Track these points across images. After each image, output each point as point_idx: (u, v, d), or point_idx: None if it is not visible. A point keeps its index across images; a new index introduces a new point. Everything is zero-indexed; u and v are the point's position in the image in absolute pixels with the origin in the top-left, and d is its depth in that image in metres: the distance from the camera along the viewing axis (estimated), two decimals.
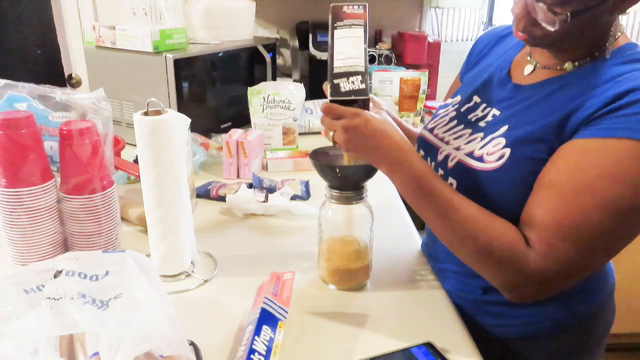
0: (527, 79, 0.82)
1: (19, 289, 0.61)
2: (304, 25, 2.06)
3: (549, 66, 0.79)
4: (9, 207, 0.90)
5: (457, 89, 0.98)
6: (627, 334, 2.04)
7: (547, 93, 0.76)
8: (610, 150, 0.65)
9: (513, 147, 0.75)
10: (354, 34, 0.81)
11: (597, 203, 0.65)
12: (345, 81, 0.76)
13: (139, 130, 0.83)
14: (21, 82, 0.97)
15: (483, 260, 0.73)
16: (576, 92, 0.72)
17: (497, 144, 0.77)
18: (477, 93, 0.88)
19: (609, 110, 0.67)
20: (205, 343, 0.72)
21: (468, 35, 2.37)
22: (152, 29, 1.48)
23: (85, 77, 2.04)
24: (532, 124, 0.74)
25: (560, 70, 0.77)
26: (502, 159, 0.75)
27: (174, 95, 1.51)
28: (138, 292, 0.59)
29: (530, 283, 0.71)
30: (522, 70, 0.83)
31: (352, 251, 0.88)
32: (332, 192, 0.86)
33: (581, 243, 0.67)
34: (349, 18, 0.83)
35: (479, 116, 0.85)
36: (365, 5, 0.84)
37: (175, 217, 0.90)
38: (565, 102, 0.72)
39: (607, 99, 0.67)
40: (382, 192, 1.32)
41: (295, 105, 1.55)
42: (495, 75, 0.87)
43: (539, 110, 0.75)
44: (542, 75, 0.80)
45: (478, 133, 0.82)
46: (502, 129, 0.78)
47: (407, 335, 0.78)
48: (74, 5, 2.10)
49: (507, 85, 0.83)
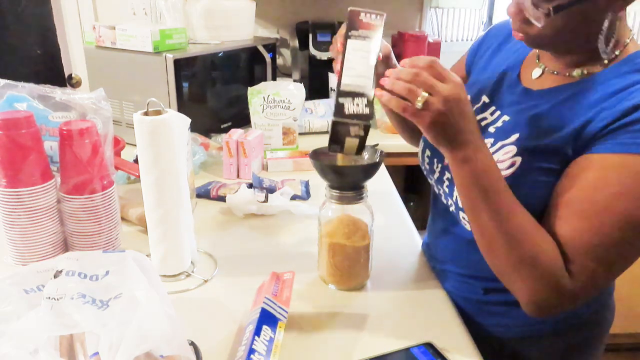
0: (536, 83, 0.81)
1: (19, 289, 0.61)
2: (304, 25, 2.06)
3: (557, 71, 0.78)
4: (9, 207, 0.90)
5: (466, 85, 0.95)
6: (627, 334, 2.04)
7: (558, 102, 0.75)
8: (628, 167, 0.65)
9: (524, 157, 0.74)
10: (366, 48, 0.79)
11: (617, 221, 0.65)
12: (350, 102, 0.74)
13: (139, 130, 0.83)
14: (21, 82, 0.97)
15: (523, 270, 0.69)
16: (588, 103, 0.71)
17: (507, 151, 0.76)
18: (486, 92, 0.87)
19: (623, 124, 0.66)
20: (205, 343, 0.72)
21: (468, 35, 2.37)
22: (152, 29, 1.48)
23: (85, 77, 2.04)
24: (543, 135, 0.73)
25: (569, 77, 0.76)
26: (512, 167, 0.74)
27: (174, 95, 1.51)
28: (138, 292, 0.59)
29: (561, 303, 0.71)
30: (531, 73, 0.82)
31: (353, 249, 0.88)
32: (332, 192, 0.86)
33: (603, 261, 0.67)
34: (364, 28, 0.80)
35: (488, 121, 0.83)
36: (383, 15, 0.81)
37: (175, 217, 0.90)
38: (577, 113, 0.71)
39: (620, 112, 0.66)
40: (382, 192, 1.32)
41: (295, 105, 1.55)
42: (505, 76, 0.86)
43: (549, 121, 0.74)
44: (551, 81, 0.78)
45: (488, 139, 0.80)
46: (512, 137, 0.77)
47: (407, 335, 0.78)
48: (74, 5, 2.10)
49: (517, 89, 0.82)
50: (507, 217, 0.69)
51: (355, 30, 0.80)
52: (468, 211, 0.73)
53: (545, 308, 0.71)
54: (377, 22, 0.81)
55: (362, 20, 0.81)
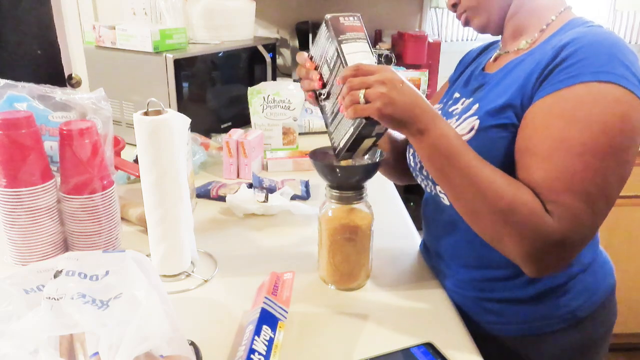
0: (494, 66, 0.89)
1: (19, 289, 0.61)
2: (304, 25, 2.06)
3: (509, 50, 0.87)
4: (9, 207, 0.90)
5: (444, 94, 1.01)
6: (627, 334, 2.04)
7: (508, 70, 0.82)
8: (566, 99, 0.70)
9: (482, 119, 0.79)
10: (362, 48, 0.80)
11: (575, 151, 0.68)
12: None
13: (139, 130, 0.83)
14: (21, 82, 0.97)
15: (505, 223, 0.71)
16: (531, 63, 0.77)
17: (469, 121, 0.81)
18: (457, 90, 0.94)
19: (556, 65, 0.72)
20: (205, 343, 0.72)
21: (468, 35, 2.37)
22: (152, 29, 1.48)
23: (85, 77, 2.04)
24: (497, 97, 0.79)
25: (518, 51, 0.85)
26: (472, 131, 0.79)
27: (174, 95, 1.51)
28: (138, 292, 0.59)
29: (551, 248, 0.70)
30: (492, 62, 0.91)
31: (353, 249, 0.88)
32: (332, 192, 0.86)
33: (580, 195, 0.68)
34: (349, 31, 0.81)
35: (458, 110, 0.88)
36: (359, 16, 0.84)
37: (175, 217, 0.90)
38: (523, 72, 0.77)
39: (552, 54, 0.73)
40: (382, 192, 1.32)
41: (295, 105, 1.55)
42: (473, 72, 0.94)
43: (502, 87, 0.80)
44: (505, 60, 0.86)
45: (454, 117, 0.86)
46: (473, 107, 0.83)
47: (407, 335, 0.78)
48: (74, 5, 2.10)
49: (479, 77, 0.90)
50: (475, 173, 0.72)
51: (344, 35, 0.80)
52: (439, 181, 0.76)
53: (540, 260, 0.71)
54: (358, 23, 0.83)
55: (345, 23, 0.82)
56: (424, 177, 0.91)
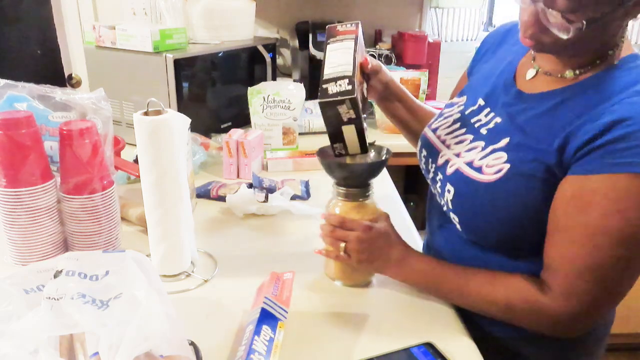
0: (529, 85, 0.81)
1: (19, 289, 0.61)
2: (304, 25, 2.06)
3: (551, 72, 0.78)
4: (9, 207, 0.90)
5: (464, 87, 0.97)
6: (627, 334, 2.04)
7: (549, 108, 0.76)
8: (611, 188, 0.66)
9: (512, 164, 0.76)
10: (345, 46, 0.86)
11: (608, 242, 0.67)
12: (332, 85, 0.79)
13: (139, 130, 0.83)
14: (21, 82, 0.97)
15: (510, 319, 0.78)
16: (576, 112, 0.72)
17: (497, 157, 0.78)
18: (482, 95, 0.88)
19: (604, 143, 0.66)
20: (205, 343, 0.72)
21: (468, 35, 2.37)
22: (152, 29, 1.48)
23: (85, 77, 2.04)
24: (532, 142, 0.75)
25: (561, 79, 0.77)
26: (499, 173, 0.76)
27: (174, 95, 1.51)
28: (138, 292, 0.59)
29: (559, 324, 0.74)
30: (526, 74, 0.83)
31: None
32: (339, 189, 0.87)
33: (600, 279, 0.69)
34: (341, 34, 0.89)
35: (482, 122, 0.84)
36: (357, 22, 0.91)
37: (175, 217, 0.90)
38: (563, 123, 0.72)
39: (601, 127, 0.67)
40: (382, 192, 1.32)
41: (295, 105, 1.55)
42: (501, 78, 0.87)
43: (539, 128, 0.75)
44: (543, 83, 0.79)
45: (479, 141, 0.82)
46: (503, 141, 0.78)
47: (407, 335, 0.78)
48: (74, 5, 2.10)
49: (511, 90, 0.83)
50: (461, 294, 0.81)
51: (333, 38, 0.89)
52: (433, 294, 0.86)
53: (560, 331, 0.76)
54: (353, 28, 0.90)
55: (339, 29, 0.91)
56: (430, 179, 0.92)
